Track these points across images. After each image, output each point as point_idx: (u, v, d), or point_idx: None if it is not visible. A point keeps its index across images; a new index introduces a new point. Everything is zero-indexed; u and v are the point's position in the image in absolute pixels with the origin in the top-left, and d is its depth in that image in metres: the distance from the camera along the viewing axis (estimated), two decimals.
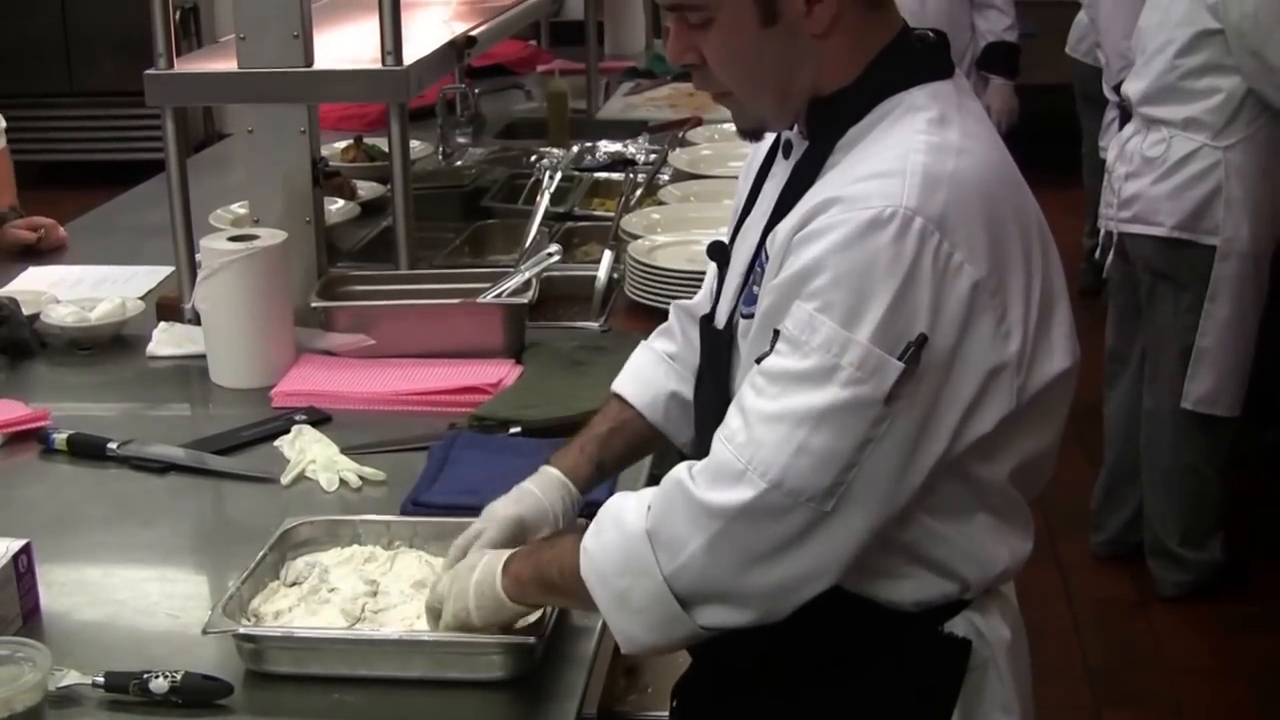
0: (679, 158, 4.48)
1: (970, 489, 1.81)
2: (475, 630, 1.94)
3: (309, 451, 2.58)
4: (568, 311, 3.37)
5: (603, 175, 4.43)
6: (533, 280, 3.10)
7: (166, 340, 3.12)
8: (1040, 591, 4.50)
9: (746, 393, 1.75)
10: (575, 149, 4.65)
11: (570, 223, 3.97)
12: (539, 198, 3.88)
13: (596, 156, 4.60)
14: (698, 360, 2.08)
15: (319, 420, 2.74)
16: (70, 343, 3.14)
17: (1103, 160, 4.91)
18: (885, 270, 1.67)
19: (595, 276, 3.35)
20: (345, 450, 2.60)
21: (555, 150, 4.68)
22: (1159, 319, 4.40)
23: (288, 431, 2.67)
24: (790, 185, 1.86)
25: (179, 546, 2.40)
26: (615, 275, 3.39)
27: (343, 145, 4.49)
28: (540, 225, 3.73)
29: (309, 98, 3.12)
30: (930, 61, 1.86)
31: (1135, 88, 4.33)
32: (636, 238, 3.54)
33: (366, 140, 4.51)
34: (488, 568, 1.94)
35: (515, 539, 2.03)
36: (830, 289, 1.68)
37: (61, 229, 3.89)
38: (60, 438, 2.66)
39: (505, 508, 2.07)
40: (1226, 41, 4.08)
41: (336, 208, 3.83)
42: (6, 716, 1.80)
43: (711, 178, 4.21)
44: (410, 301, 3.08)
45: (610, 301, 3.33)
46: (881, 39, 1.84)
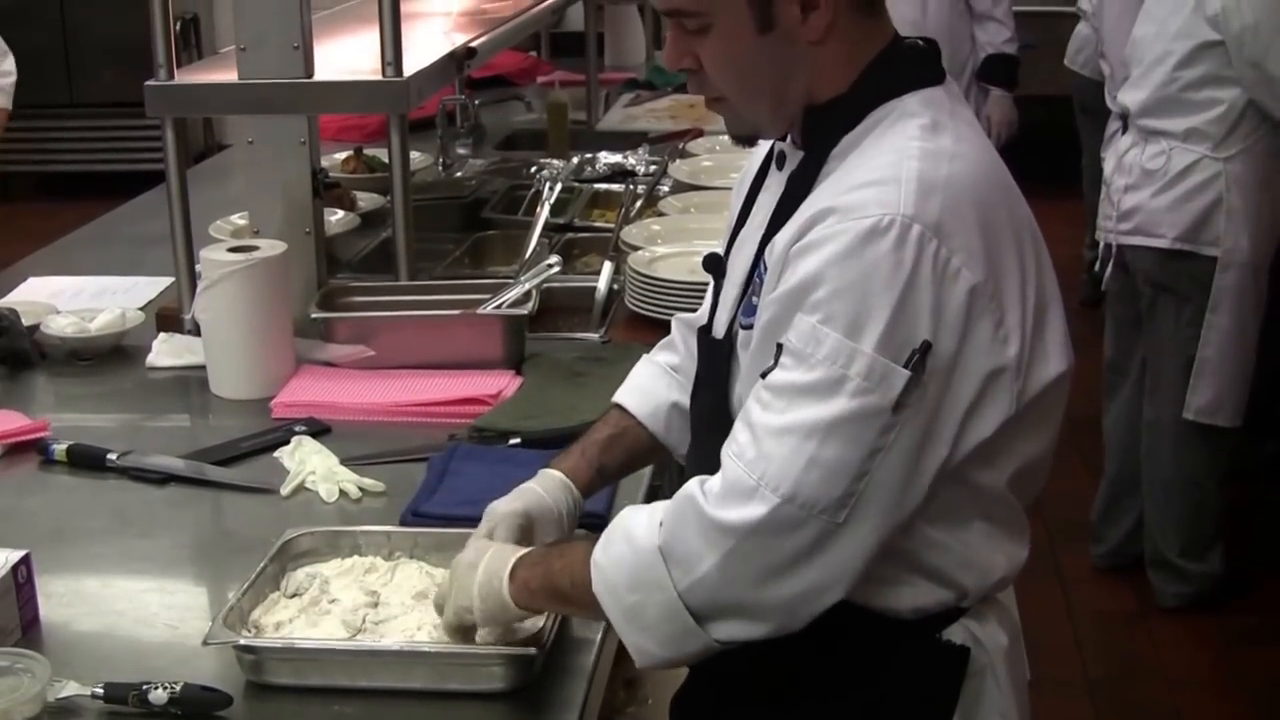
0: (679, 169, 4.48)
1: (969, 496, 1.82)
2: (473, 627, 1.94)
3: (309, 462, 2.58)
4: (568, 323, 3.37)
5: (603, 186, 4.43)
6: (533, 291, 3.10)
7: (166, 351, 3.11)
8: (1041, 603, 4.50)
9: (753, 408, 1.75)
10: (575, 160, 4.66)
11: (570, 234, 3.97)
12: (539, 209, 3.89)
13: (597, 168, 4.60)
14: None
15: (319, 431, 2.74)
16: (70, 353, 3.13)
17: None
18: (886, 279, 1.67)
19: (595, 288, 3.35)
20: (345, 461, 2.60)
21: (555, 161, 4.69)
22: (1160, 331, 4.40)
23: (287, 442, 2.67)
24: (786, 195, 1.87)
25: (178, 557, 2.40)
26: (615, 286, 3.38)
27: (343, 156, 4.49)
28: (540, 236, 3.73)
29: (309, 109, 3.12)
30: (922, 69, 1.88)
31: (1133, 99, 4.33)
32: (636, 249, 3.54)
33: (366, 151, 4.51)
34: (493, 570, 1.93)
35: (523, 534, 2.02)
36: (832, 300, 1.68)
37: None
38: (60, 448, 2.66)
39: (508, 504, 2.06)
40: (1226, 53, 4.09)
41: (336, 219, 3.83)
42: None
43: (712, 189, 4.21)
44: (410, 313, 3.08)
45: (610, 313, 3.32)
46: (875, 47, 1.86)
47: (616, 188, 4.39)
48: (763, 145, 2.05)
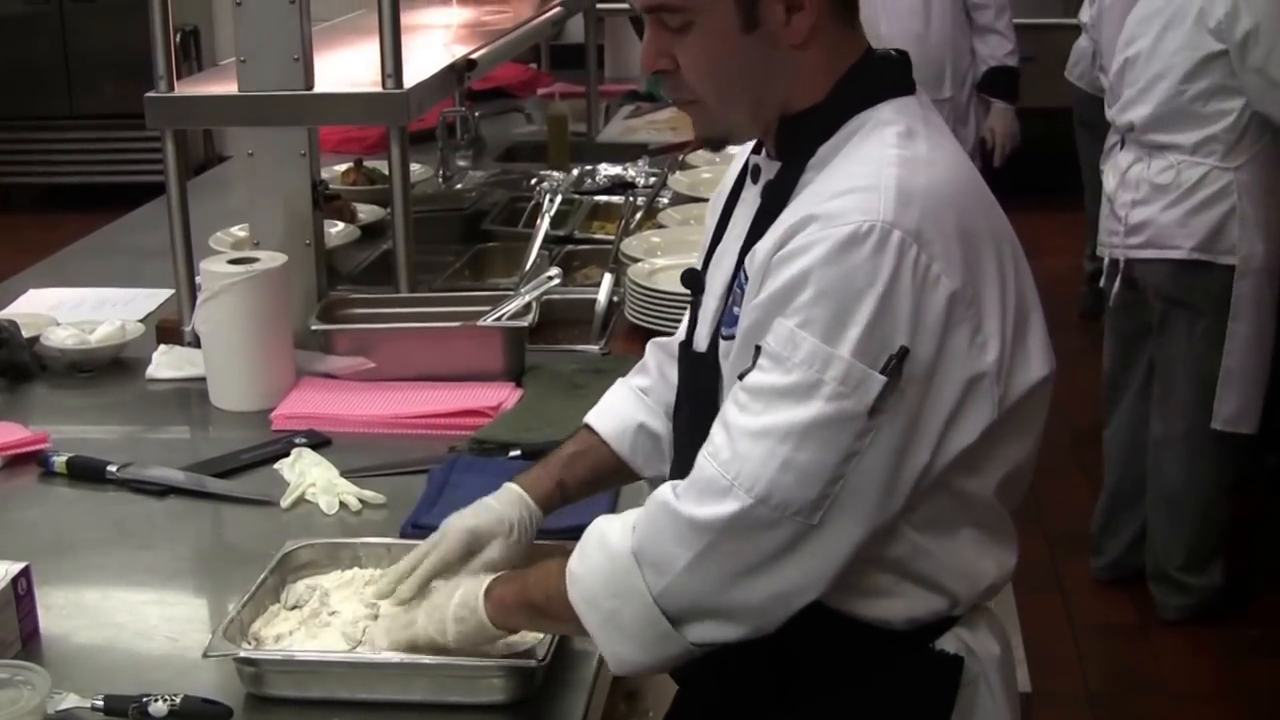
0: (679, 181, 4.48)
1: (957, 504, 1.83)
2: (449, 653, 1.94)
3: (309, 474, 2.58)
4: (568, 335, 3.37)
5: (603, 198, 4.43)
6: (533, 303, 3.10)
7: (166, 363, 3.11)
8: (1041, 615, 4.50)
9: (729, 409, 1.76)
10: (575, 172, 4.66)
11: (570, 246, 3.97)
12: (539, 221, 3.88)
13: (596, 180, 4.60)
14: (672, 395, 2.09)
15: (319, 443, 2.74)
16: (70, 365, 3.13)
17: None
18: (865, 284, 1.68)
19: (595, 299, 3.35)
20: (345, 473, 2.59)
21: (555, 173, 4.69)
22: (1172, 345, 4.40)
23: (287, 454, 2.67)
24: (764, 206, 1.87)
25: (179, 569, 2.39)
26: (615, 298, 3.38)
27: (343, 168, 4.50)
28: (540, 248, 3.73)
29: (309, 121, 3.12)
30: (894, 78, 1.89)
31: (1136, 115, 4.32)
32: (636, 261, 3.54)
33: (367, 163, 4.51)
34: (469, 590, 1.94)
35: (468, 550, 2.03)
36: (811, 305, 1.69)
37: None
38: (60, 460, 2.66)
39: (460, 520, 2.06)
40: (1230, 63, 4.10)
41: (336, 230, 3.83)
42: None
43: None
44: (410, 324, 3.08)
45: (610, 324, 3.32)
46: (851, 56, 1.87)
47: (617, 200, 4.39)
48: (738, 161, 2.05)
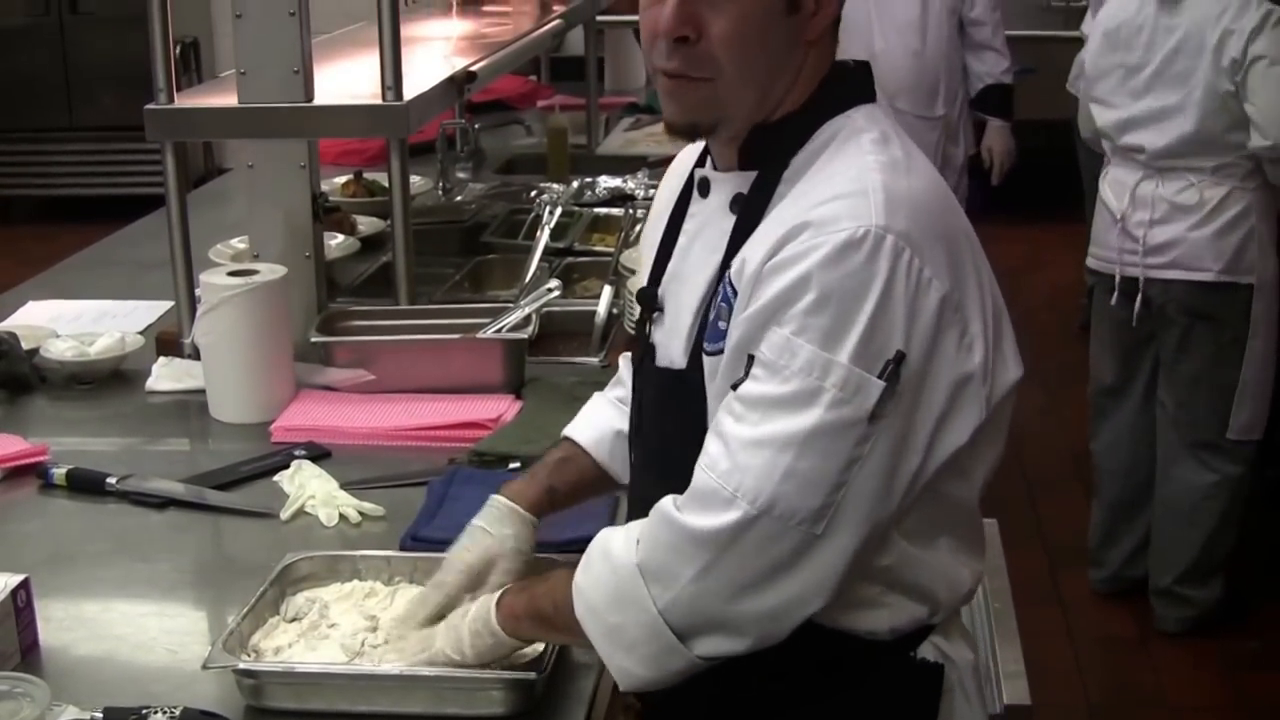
0: None
1: (942, 510, 1.83)
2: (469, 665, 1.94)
3: (308, 487, 2.58)
4: (567, 347, 3.36)
5: (602, 210, 4.43)
6: (532, 315, 3.10)
7: (166, 375, 3.11)
8: (1041, 629, 4.48)
9: (724, 420, 1.75)
10: (575, 184, 4.65)
11: (570, 258, 3.97)
12: (539, 233, 3.88)
13: (596, 192, 4.59)
14: None
15: (318, 455, 2.74)
16: (69, 377, 3.13)
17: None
18: (862, 290, 1.68)
19: (595, 312, 3.35)
20: (345, 485, 2.59)
21: (555, 185, 4.68)
22: (1196, 360, 4.41)
23: (287, 467, 2.67)
24: (743, 218, 1.85)
25: (178, 582, 2.39)
26: (615, 310, 3.38)
27: (343, 180, 4.50)
28: (540, 260, 3.73)
29: (309, 133, 3.12)
30: (861, 87, 1.89)
31: (1146, 141, 4.30)
32: (636, 273, 3.53)
33: (366, 175, 4.52)
34: (481, 606, 1.95)
35: (473, 583, 2.03)
36: (808, 312, 1.69)
37: None
38: (59, 472, 2.66)
39: (459, 556, 2.07)
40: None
41: (336, 243, 3.83)
42: None
43: None
44: (410, 337, 3.08)
45: (610, 336, 3.32)
46: (827, 65, 1.88)
47: (616, 212, 4.38)
48: (675, 178, 2.05)
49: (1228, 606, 4.61)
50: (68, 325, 3.44)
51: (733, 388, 1.76)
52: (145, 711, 1.89)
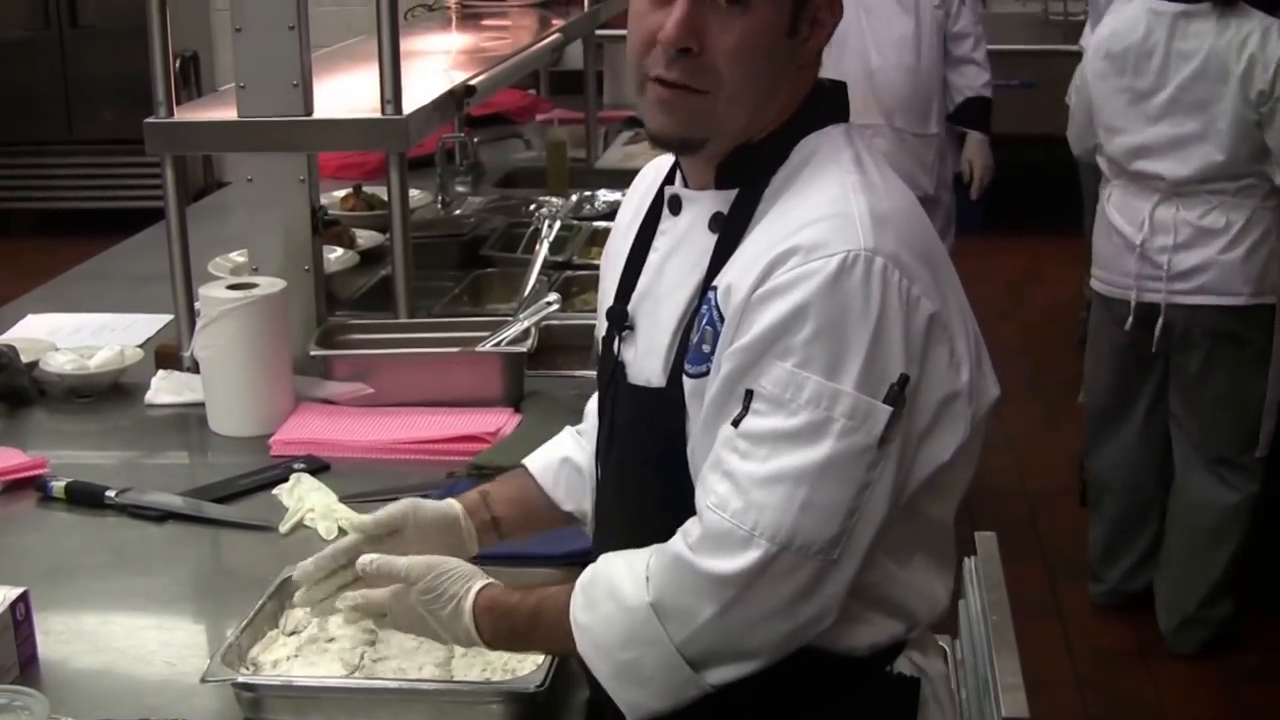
0: None
1: (918, 527, 1.84)
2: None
3: (307, 500, 2.58)
4: (566, 360, 3.36)
5: (601, 224, 4.41)
6: (531, 329, 3.10)
7: (165, 388, 3.12)
8: (1040, 641, 4.48)
9: (729, 458, 1.74)
10: (574, 198, 4.66)
11: (569, 271, 3.97)
12: (538, 246, 3.88)
13: (595, 205, 4.60)
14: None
15: (317, 468, 2.74)
16: (69, 390, 3.13)
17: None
18: (859, 315, 1.69)
19: (594, 325, 3.34)
20: (344, 499, 2.59)
21: (554, 199, 4.68)
22: (1222, 380, 4.41)
23: (286, 480, 2.67)
24: (724, 236, 1.84)
25: (177, 595, 2.39)
26: None
27: (342, 194, 4.49)
28: (539, 274, 3.73)
29: (308, 146, 3.13)
30: (837, 105, 1.90)
31: (1166, 170, 4.28)
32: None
33: (366, 189, 4.52)
34: (456, 612, 1.89)
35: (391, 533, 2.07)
36: (809, 343, 1.69)
37: None
38: (58, 485, 2.66)
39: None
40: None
41: (335, 256, 3.83)
42: None
43: None
44: (409, 350, 3.08)
45: None
46: (809, 87, 1.88)
47: None
48: (639, 195, 2.08)
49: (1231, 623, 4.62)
50: (67, 338, 3.44)
51: (734, 424, 1.74)
52: None
